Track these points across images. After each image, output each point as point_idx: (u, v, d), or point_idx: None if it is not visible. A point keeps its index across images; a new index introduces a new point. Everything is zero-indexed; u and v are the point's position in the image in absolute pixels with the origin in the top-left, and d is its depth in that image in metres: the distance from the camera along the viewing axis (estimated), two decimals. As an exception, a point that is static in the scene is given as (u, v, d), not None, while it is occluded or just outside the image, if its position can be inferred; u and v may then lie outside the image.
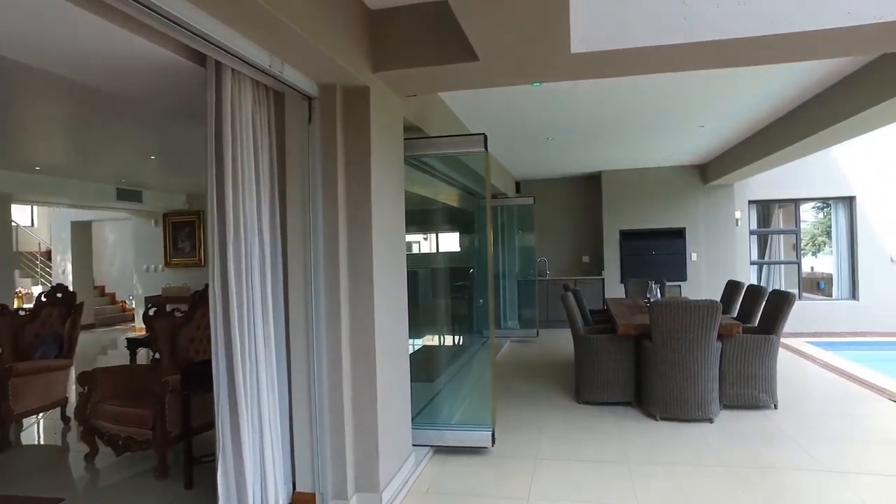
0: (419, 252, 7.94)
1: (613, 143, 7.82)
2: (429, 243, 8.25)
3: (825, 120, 5.67)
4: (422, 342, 6.41)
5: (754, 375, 5.11)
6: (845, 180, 10.15)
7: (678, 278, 10.15)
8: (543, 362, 7.62)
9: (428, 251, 8.07)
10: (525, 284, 9.70)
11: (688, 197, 10.23)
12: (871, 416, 5.05)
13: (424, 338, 6.41)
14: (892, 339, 9.38)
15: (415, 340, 6.21)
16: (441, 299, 7.06)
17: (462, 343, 8.59)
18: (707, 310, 4.65)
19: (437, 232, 7.83)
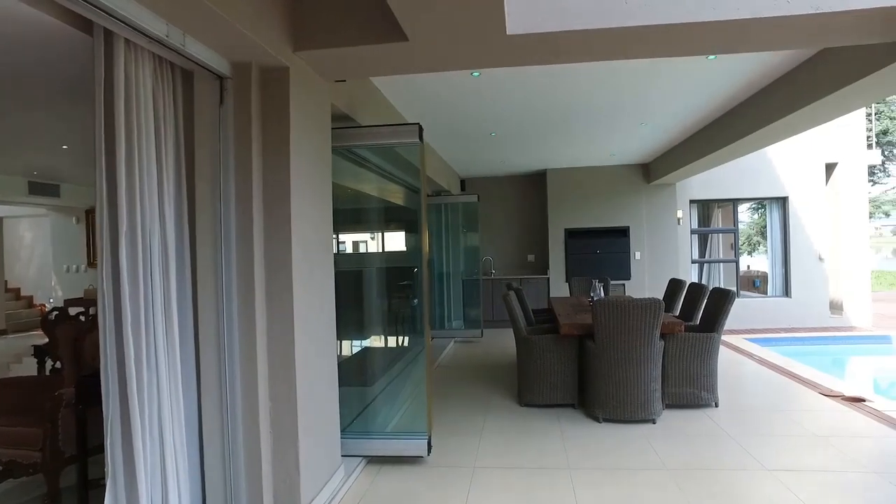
0: (366, 251, 7.63)
1: (558, 140, 7.72)
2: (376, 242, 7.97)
3: (759, 120, 5.73)
4: (361, 345, 6.11)
5: (696, 374, 5.06)
6: (779, 181, 10.44)
7: (622, 277, 10.20)
8: (487, 363, 7.44)
9: (375, 250, 7.77)
10: (470, 284, 9.52)
11: (632, 196, 10.29)
12: (806, 410, 5.07)
13: (364, 340, 6.12)
14: (821, 335, 9.69)
15: (353, 343, 5.92)
16: (384, 300, 6.78)
17: (405, 345, 8.34)
18: (650, 308, 4.55)
19: (383, 231, 7.56)
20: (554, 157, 9.22)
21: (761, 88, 5.48)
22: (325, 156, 3.55)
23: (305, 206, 3.19)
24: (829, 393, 5.82)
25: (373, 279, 6.21)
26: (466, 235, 9.71)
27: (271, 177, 3.01)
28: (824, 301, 10.33)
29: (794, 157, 10.38)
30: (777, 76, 5.13)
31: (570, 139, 7.69)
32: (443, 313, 9.43)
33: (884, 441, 4.27)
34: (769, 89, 5.38)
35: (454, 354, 8.16)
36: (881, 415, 4.89)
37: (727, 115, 6.49)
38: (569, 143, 7.95)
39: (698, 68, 4.76)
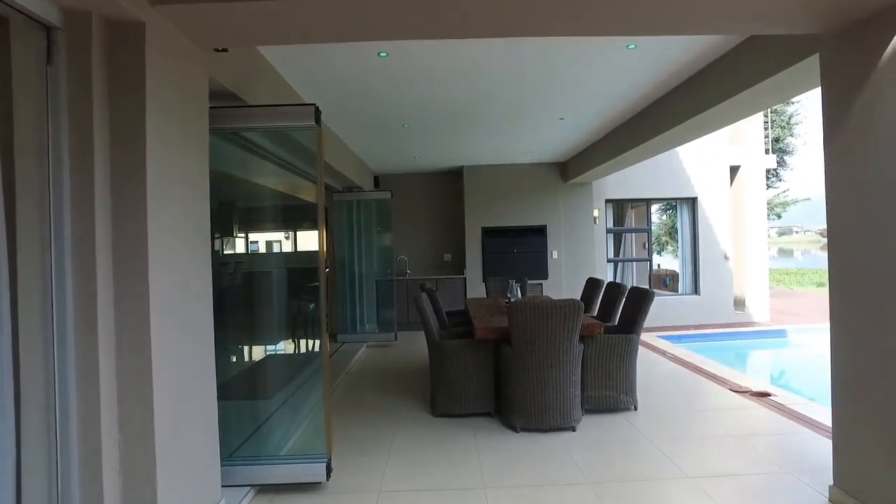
0: (269, 252, 6.97)
1: (474, 135, 7.42)
2: (280, 242, 7.33)
3: (675, 118, 5.69)
4: (259, 355, 5.50)
5: (615, 377, 4.88)
6: (689, 182, 10.70)
7: (539, 276, 10.09)
8: (400, 369, 7.01)
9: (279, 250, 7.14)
10: (384, 285, 9.06)
11: (549, 195, 10.20)
12: (720, 409, 5.03)
13: (263, 350, 5.51)
14: (727, 330, 10.01)
15: (250, 354, 5.30)
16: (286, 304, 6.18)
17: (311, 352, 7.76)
18: (569, 310, 4.29)
19: (287, 229, 6.94)
20: (470, 153, 8.94)
21: (677, 85, 5.39)
22: (199, 138, 2.99)
23: (171, 198, 2.64)
24: (738, 389, 5.88)
25: (272, 282, 5.61)
26: (380, 234, 9.24)
27: (122, 158, 2.44)
28: (729, 298, 10.70)
29: (702, 159, 10.67)
30: (692, 72, 5.03)
31: (487, 134, 7.42)
32: (355, 316, 8.91)
33: (794, 438, 4.23)
34: (684, 86, 5.30)
35: (366, 360, 7.68)
36: (787, 409, 4.96)
37: (643, 113, 6.42)
38: (486, 138, 7.68)
39: (617, 58, 4.57)
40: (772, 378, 8.39)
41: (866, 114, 2.91)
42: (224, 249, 5.47)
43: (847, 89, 3.04)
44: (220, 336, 4.39)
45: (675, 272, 14.33)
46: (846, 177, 3.10)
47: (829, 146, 3.21)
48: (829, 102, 3.20)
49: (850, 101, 3.02)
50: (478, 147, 8.40)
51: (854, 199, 3.03)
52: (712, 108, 4.75)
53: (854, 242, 3.05)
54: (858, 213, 3.00)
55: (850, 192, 3.07)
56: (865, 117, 2.92)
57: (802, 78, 3.77)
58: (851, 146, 3.04)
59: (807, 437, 4.24)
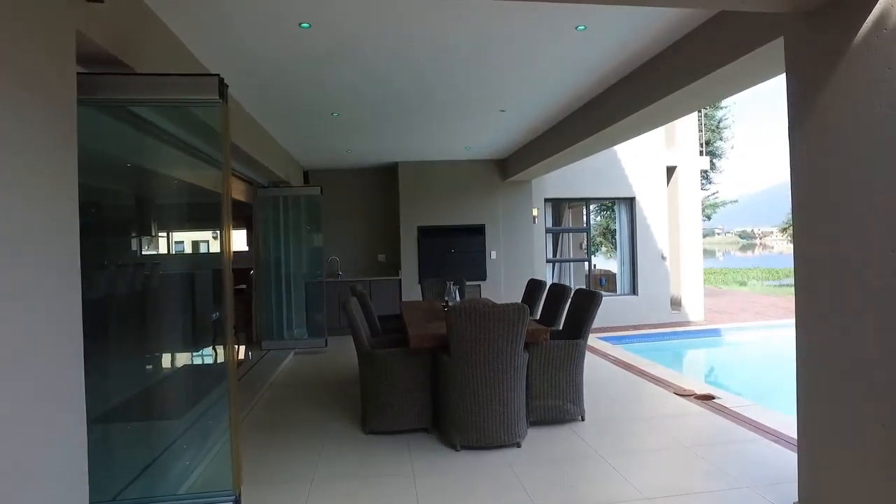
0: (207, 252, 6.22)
1: (409, 128, 6.95)
2: (218, 241, 6.59)
3: (619, 112, 5.50)
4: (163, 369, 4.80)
5: (562, 386, 4.53)
6: (627, 182, 10.64)
7: (478, 277, 9.72)
8: (330, 379, 6.44)
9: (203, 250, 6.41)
10: (313, 287, 8.43)
11: (488, 193, 9.86)
12: (668, 416, 4.78)
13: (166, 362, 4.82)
14: (664, 330, 9.99)
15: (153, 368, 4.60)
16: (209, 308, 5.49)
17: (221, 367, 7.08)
18: (513, 315, 3.89)
19: (218, 228, 6.21)
20: (406, 148, 8.46)
21: (628, 74, 5.08)
22: (64, 107, 2.36)
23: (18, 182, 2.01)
24: (682, 392, 5.74)
25: (181, 286, 4.93)
26: (310, 233, 8.60)
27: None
28: (666, 298, 10.71)
29: (640, 159, 10.64)
30: (643, 60, 4.73)
31: (424, 127, 6.96)
32: (282, 321, 8.24)
33: (748, 448, 4.00)
34: (635, 75, 5.00)
35: (293, 369, 7.05)
36: (734, 414, 4.80)
37: (589, 105, 6.14)
38: (422, 131, 7.22)
39: (566, 41, 4.21)
40: (712, 379, 8.36)
41: (836, 102, 2.64)
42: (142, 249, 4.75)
43: (814, 75, 2.77)
44: (116, 348, 3.72)
45: (610, 272, 14.38)
46: (813, 170, 2.83)
47: (794, 136, 2.94)
48: (795, 90, 2.94)
49: (817, 89, 2.76)
50: (414, 141, 7.94)
51: (823, 194, 2.77)
52: (665, 98, 4.46)
53: (823, 240, 2.78)
54: (827, 208, 2.74)
55: (817, 186, 2.80)
56: (835, 106, 2.65)
57: (764, 64, 3.52)
58: (819, 136, 2.77)
59: (760, 446, 4.02)
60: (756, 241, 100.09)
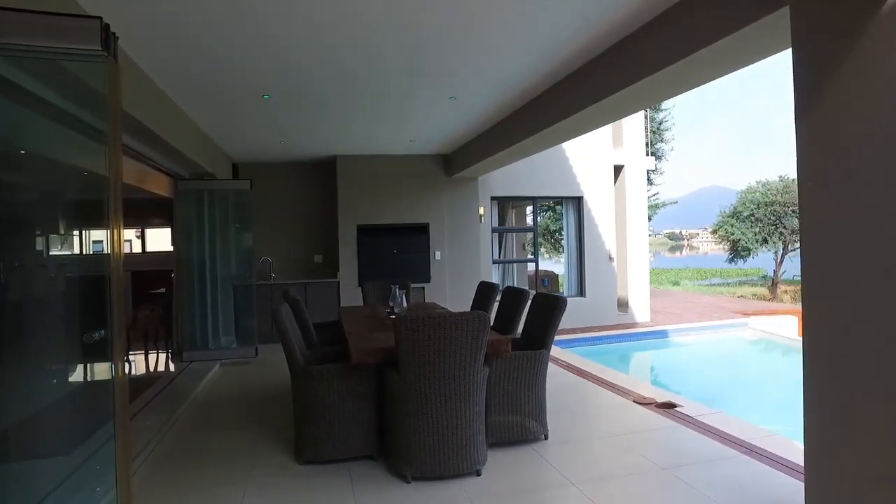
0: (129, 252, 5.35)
1: (350, 116, 6.32)
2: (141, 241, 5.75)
3: (582, 101, 5.13)
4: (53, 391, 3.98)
5: (524, 401, 4.05)
6: (575, 181, 10.38)
7: (422, 279, 9.18)
8: (260, 394, 5.72)
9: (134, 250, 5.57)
10: (242, 291, 7.63)
11: (432, 190, 9.33)
12: (636, 431, 4.40)
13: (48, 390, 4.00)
14: (614, 333, 9.77)
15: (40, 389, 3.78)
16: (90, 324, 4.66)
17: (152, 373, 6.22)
18: (473, 324, 3.36)
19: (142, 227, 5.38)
20: (345, 140, 7.81)
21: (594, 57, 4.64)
22: None
23: None
24: (642, 400, 5.46)
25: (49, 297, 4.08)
26: (239, 232, 7.80)
27: None
28: (614, 299, 10.52)
29: (588, 158, 10.40)
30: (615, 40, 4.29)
31: (366, 116, 6.34)
32: (206, 329, 7.40)
33: (725, 467, 3.65)
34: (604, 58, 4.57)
35: (218, 383, 6.28)
36: (700, 425, 4.52)
37: (548, 94, 5.73)
38: (364, 120, 6.60)
39: (528, 13, 3.73)
40: (667, 383, 8.16)
41: (855, 83, 2.27)
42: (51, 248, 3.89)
43: (828, 50, 2.39)
44: None
45: (552, 273, 14.19)
46: (828, 160, 2.45)
47: (802, 125, 2.55)
48: (803, 69, 2.54)
49: (832, 66, 2.38)
50: (354, 132, 7.30)
51: (839, 192, 2.39)
52: (635, 84, 4.04)
53: (840, 240, 2.41)
54: (843, 208, 2.37)
55: (832, 178, 2.43)
56: (854, 88, 2.28)
57: (764, 38, 3.11)
58: (832, 125, 2.40)
59: (740, 465, 3.68)
60: (684, 243, 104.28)
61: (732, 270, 32.26)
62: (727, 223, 24.93)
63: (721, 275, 34.43)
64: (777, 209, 23.35)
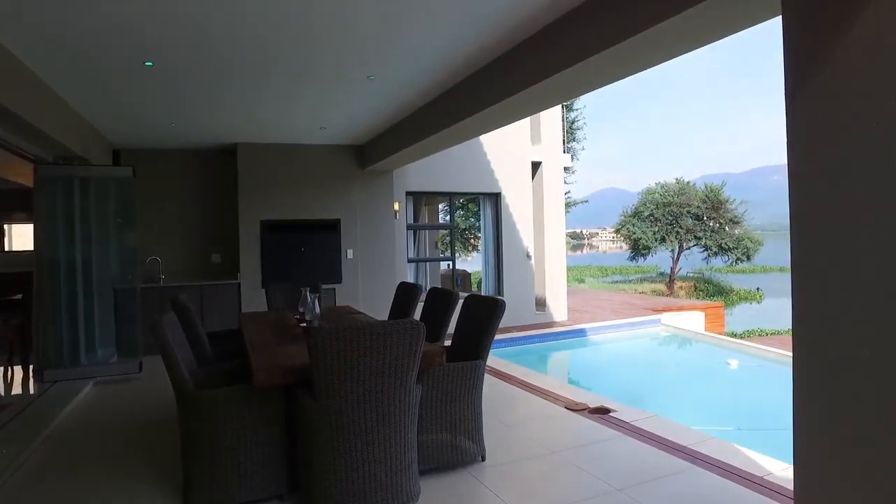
0: None
1: (252, 96, 5.54)
2: None
3: (514, 85, 4.78)
4: None
5: (459, 419, 3.55)
6: (493, 176, 10.07)
7: (332, 280, 8.47)
8: (143, 420, 4.82)
9: None
10: (124, 295, 6.59)
11: (344, 183, 8.64)
12: (578, 445, 4.03)
13: None
14: (532, 333, 9.54)
15: None
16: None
17: None
18: (406, 334, 2.81)
19: None
20: (247, 125, 6.97)
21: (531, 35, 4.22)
22: None
23: None
24: (574, 406, 5.21)
25: None
26: (120, 228, 6.74)
27: None
28: (532, 298, 10.32)
29: (506, 153, 10.12)
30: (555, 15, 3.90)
31: (270, 94, 5.57)
32: (77, 341, 6.28)
33: (681, 482, 3.36)
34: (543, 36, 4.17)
35: (90, 406, 5.28)
36: (639, 431, 4.30)
37: (476, 76, 5.30)
38: (268, 101, 5.83)
39: None
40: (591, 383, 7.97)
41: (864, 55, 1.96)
42: None
43: (830, 16, 2.07)
44: None
45: (465, 272, 13.89)
46: (825, 152, 2.13)
47: (795, 105, 2.22)
48: (797, 38, 2.21)
49: (833, 35, 2.06)
50: (258, 116, 6.49)
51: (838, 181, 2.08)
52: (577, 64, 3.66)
53: (833, 233, 2.10)
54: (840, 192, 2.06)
55: (832, 172, 2.11)
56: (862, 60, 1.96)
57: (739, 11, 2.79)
58: (834, 105, 2.08)
59: (694, 478, 3.40)
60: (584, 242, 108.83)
61: (631, 268, 33.83)
62: (629, 223, 25.96)
63: (621, 272, 36.03)
64: (674, 210, 24.57)
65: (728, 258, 24.56)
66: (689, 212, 24.36)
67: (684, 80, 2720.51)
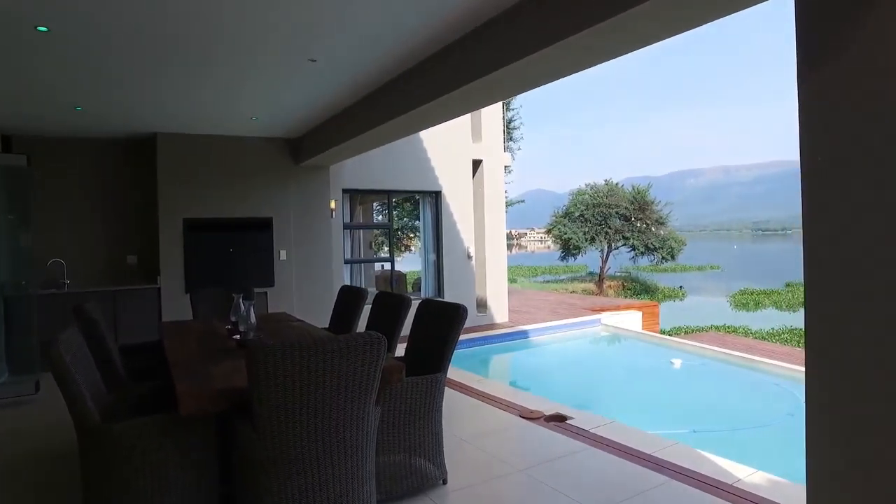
0: None
1: (175, 78, 4.91)
2: None
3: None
4: None
5: (418, 440, 3.16)
6: (433, 174, 9.72)
7: (264, 283, 7.84)
8: (39, 451, 4.11)
9: None
10: (16, 304, 5.73)
11: (277, 179, 8.01)
12: (543, 460, 3.75)
13: None
14: (475, 335, 9.25)
15: None
16: None
17: None
18: (366, 351, 2.39)
19: None
20: (169, 112, 6.26)
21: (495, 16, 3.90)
22: None
23: None
24: (528, 415, 5.02)
25: None
26: (12, 225, 5.87)
27: None
28: (473, 300, 10.04)
29: (446, 150, 9.80)
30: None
31: (194, 76, 4.97)
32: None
33: (659, 497, 3.11)
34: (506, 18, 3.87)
35: (-26, 436, 4.50)
36: (604, 441, 4.11)
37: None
38: (192, 85, 5.20)
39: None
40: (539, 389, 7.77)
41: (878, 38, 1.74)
42: None
43: None
44: None
45: (401, 273, 13.48)
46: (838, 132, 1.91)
47: (807, 85, 1.99)
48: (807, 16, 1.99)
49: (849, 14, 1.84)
50: (180, 103, 5.82)
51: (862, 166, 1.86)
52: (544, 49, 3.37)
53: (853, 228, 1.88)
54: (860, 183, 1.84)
55: (846, 152, 1.89)
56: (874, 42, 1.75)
57: None
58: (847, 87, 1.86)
59: (676, 494, 3.16)
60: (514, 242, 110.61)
61: (560, 267, 34.49)
62: (560, 223, 26.37)
63: (550, 272, 36.68)
64: (603, 210, 25.17)
65: (654, 257, 25.42)
66: (618, 212, 25.00)
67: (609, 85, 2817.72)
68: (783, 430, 5.55)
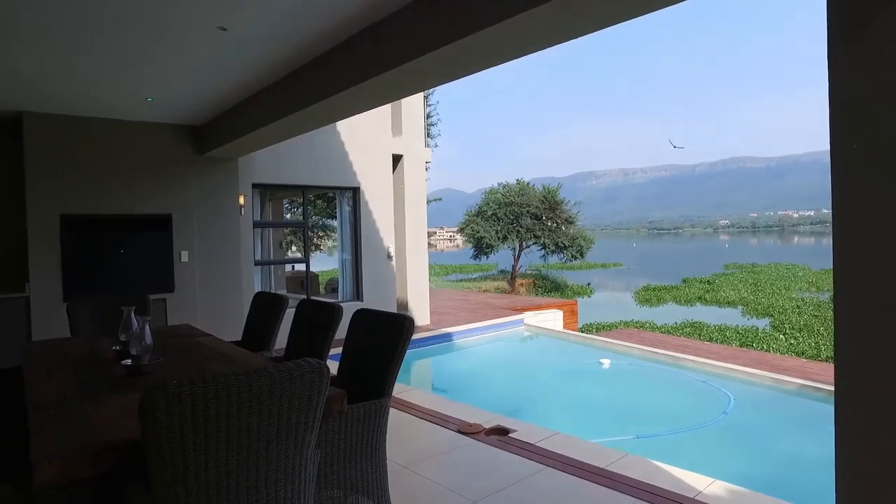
0: None
1: (46, 43, 4.06)
2: None
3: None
4: None
5: (360, 477, 2.65)
6: (350, 170, 9.13)
7: (162, 289, 6.95)
8: None
9: None
10: None
11: (177, 171, 7.13)
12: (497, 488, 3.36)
13: None
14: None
15: None
16: None
17: None
18: (304, 382, 1.85)
19: None
20: (38, 85, 5.27)
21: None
22: None
23: None
24: (468, 430, 4.74)
25: None
26: None
27: None
28: (394, 302, 9.54)
29: (365, 144, 9.24)
30: None
31: (75, 41, 4.14)
32: None
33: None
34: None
35: None
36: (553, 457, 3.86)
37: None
38: (72, 51, 4.35)
39: None
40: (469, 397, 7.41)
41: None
42: None
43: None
44: None
45: (313, 273, 12.78)
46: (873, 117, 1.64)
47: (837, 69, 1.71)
48: None
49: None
50: (54, 75, 4.90)
51: None
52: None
53: None
54: None
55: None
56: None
57: None
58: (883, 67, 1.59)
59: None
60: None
61: (471, 266, 34.69)
62: (473, 222, 26.48)
63: (461, 270, 36.81)
64: (515, 209, 25.51)
65: (564, 256, 26.08)
66: (529, 211, 25.40)
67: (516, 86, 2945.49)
68: (721, 430, 5.54)
